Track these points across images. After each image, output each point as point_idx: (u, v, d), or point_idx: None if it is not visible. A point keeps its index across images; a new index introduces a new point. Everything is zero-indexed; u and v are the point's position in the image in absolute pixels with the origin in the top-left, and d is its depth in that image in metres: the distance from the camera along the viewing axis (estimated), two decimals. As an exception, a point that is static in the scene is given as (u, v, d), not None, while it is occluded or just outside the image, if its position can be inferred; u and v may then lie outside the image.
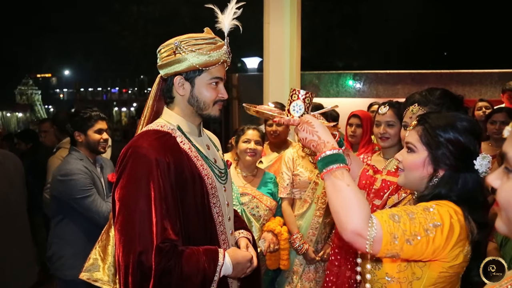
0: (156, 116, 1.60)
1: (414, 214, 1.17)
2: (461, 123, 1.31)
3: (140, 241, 1.34)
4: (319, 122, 1.31)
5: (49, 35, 24.68)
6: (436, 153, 1.30)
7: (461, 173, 1.29)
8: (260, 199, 2.68)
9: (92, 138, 2.65)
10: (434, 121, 1.33)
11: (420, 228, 1.15)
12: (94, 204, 2.51)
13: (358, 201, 1.14)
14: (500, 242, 2.06)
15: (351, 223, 1.12)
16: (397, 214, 1.16)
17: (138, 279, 1.35)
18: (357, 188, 1.18)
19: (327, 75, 8.27)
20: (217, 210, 1.56)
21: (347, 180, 1.18)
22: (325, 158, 1.22)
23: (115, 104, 10.63)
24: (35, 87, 27.71)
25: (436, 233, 1.15)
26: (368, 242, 1.11)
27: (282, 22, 5.79)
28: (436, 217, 1.17)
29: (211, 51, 1.48)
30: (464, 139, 1.29)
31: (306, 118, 1.33)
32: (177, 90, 1.53)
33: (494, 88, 7.12)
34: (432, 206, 1.21)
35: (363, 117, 3.25)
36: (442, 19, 14.86)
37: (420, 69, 8.05)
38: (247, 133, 2.68)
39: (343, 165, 1.20)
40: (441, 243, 1.16)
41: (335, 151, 1.23)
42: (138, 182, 1.39)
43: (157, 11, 15.28)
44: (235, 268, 1.49)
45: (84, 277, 1.73)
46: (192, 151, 1.52)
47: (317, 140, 1.27)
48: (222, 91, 1.56)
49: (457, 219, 1.20)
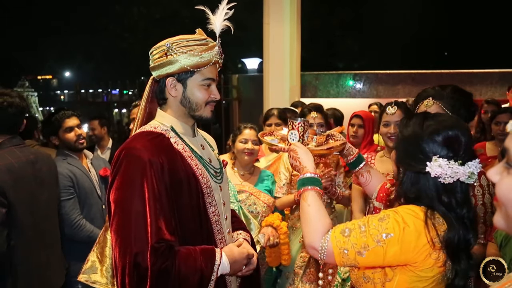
0: (149, 118, 1.61)
1: (367, 226, 1.25)
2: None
3: (136, 242, 1.34)
4: (304, 150, 1.52)
5: (50, 37, 24.73)
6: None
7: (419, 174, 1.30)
8: (258, 196, 2.68)
9: (65, 137, 2.68)
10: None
11: (370, 240, 1.22)
12: (64, 210, 2.55)
13: (316, 220, 1.32)
14: (500, 243, 2.05)
15: (308, 238, 1.32)
16: (349, 228, 1.27)
17: (135, 280, 1.35)
18: (319, 207, 1.35)
19: (327, 76, 8.26)
20: (213, 209, 1.56)
21: (310, 201, 1.36)
22: (300, 180, 1.44)
23: (116, 105, 10.64)
24: (31, 89, 27.45)
25: (388, 243, 1.21)
26: (321, 255, 1.28)
27: (282, 22, 5.79)
28: (388, 228, 1.22)
29: (202, 52, 1.48)
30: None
31: (293, 147, 1.55)
32: (169, 92, 1.53)
33: (495, 88, 7.11)
34: (388, 215, 1.25)
35: (365, 117, 3.25)
36: (443, 19, 14.87)
37: (420, 69, 8.05)
38: (244, 133, 2.68)
39: (311, 187, 1.40)
40: (398, 252, 1.21)
41: (310, 175, 1.43)
42: (132, 183, 1.39)
43: (157, 13, 15.31)
44: (232, 266, 1.50)
45: (82, 279, 1.73)
46: (186, 151, 1.52)
47: (298, 165, 1.50)
48: (215, 92, 1.56)
49: (414, 228, 1.21)
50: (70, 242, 2.59)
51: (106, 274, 1.72)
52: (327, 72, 8.41)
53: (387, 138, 2.38)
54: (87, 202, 2.67)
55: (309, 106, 2.93)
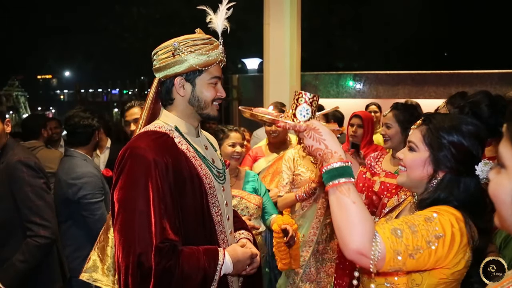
0: (153, 118, 1.61)
1: (416, 226, 1.13)
2: (466, 126, 1.29)
3: (140, 242, 1.34)
4: (327, 129, 1.19)
5: (50, 37, 24.70)
6: (438, 154, 1.28)
7: (461, 177, 1.28)
8: (248, 199, 2.67)
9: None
10: (439, 122, 1.31)
11: (423, 241, 1.12)
12: (101, 211, 2.54)
13: (363, 220, 1.09)
14: (499, 245, 2.04)
15: (354, 242, 1.07)
16: (399, 229, 1.12)
17: (138, 280, 1.35)
18: (363, 205, 1.12)
19: (327, 76, 8.28)
20: (216, 209, 1.56)
21: (353, 197, 1.10)
22: (332, 170, 1.13)
23: (116, 105, 10.64)
24: (21, 88, 27.01)
25: (438, 244, 1.13)
26: (372, 262, 1.08)
27: (282, 23, 5.80)
28: (438, 228, 1.15)
29: (209, 51, 1.49)
30: (468, 143, 1.27)
31: (313, 125, 1.20)
32: (177, 91, 1.53)
33: (494, 88, 7.11)
34: (433, 215, 1.18)
35: (365, 117, 3.26)
36: (442, 20, 14.88)
37: (420, 70, 8.06)
38: (231, 136, 2.65)
39: (350, 179, 1.12)
40: (443, 253, 1.15)
41: (343, 164, 1.13)
42: (136, 182, 1.39)
43: (157, 13, 15.32)
44: (235, 266, 1.50)
45: (84, 278, 1.73)
46: (190, 151, 1.53)
47: (324, 149, 1.16)
48: (221, 90, 1.57)
49: (458, 227, 1.18)
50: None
51: (108, 272, 1.72)
52: (327, 73, 8.43)
53: (384, 139, 2.45)
54: (106, 201, 2.66)
55: None
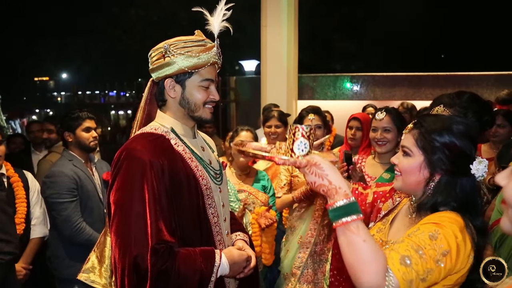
0: (148, 119, 1.61)
1: (423, 249, 1.13)
2: (457, 126, 1.29)
3: (136, 244, 1.35)
4: (329, 163, 1.15)
5: (47, 39, 24.63)
6: (432, 157, 1.28)
7: (458, 178, 1.28)
8: (256, 195, 2.80)
9: (81, 136, 2.72)
10: (430, 125, 1.31)
11: (431, 262, 1.12)
12: (66, 212, 2.55)
13: (375, 258, 1.07)
14: (494, 245, 2.05)
15: (369, 282, 1.07)
16: (407, 256, 1.11)
17: (134, 281, 1.35)
18: (373, 241, 1.10)
19: (324, 78, 8.30)
20: (213, 211, 1.56)
21: (363, 235, 1.08)
22: (339, 209, 1.10)
23: (113, 107, 10.65)
24: None
25: (446, 260, 1.14)
26: None
27: (279, 25, 5.82)
28: (444, 244, 1.14)
29: (200, 53, 1.48)
30: (460, 143, 1.27)
31: (313, 160, 1.15)
32: (168, 93, 1.54)
33: (490, 90, 7.16)
34: (436, 231, 1.17)
35: (364, 120, 3.24)
36: (439, 22, 14.93)
37: (417, 72, 8.09)
38: (241, 135, 2.77)
39: (359, 216, 1.10)
40: (452, 266, 1.16)
41: (348, 201, 1.10)
42: (132, 184, 1.39)
43: (155, 15, 15.31)
44: (231, 268, 1.50)
45: (81, 278, 1.74)
46: (186, 152, 1.53)
47: (327, 185, 1.13)
48: (214, 93, 1.56)
49: (462, 238, 1.18)
50: (70, 244, 2.60)
51: (105, 274, 1.73)
52: (325, 74, 8.45)
53: (375, 143, 2.45)
54: (88, 205, 2.67)
55: (307, 108, 2.98)
